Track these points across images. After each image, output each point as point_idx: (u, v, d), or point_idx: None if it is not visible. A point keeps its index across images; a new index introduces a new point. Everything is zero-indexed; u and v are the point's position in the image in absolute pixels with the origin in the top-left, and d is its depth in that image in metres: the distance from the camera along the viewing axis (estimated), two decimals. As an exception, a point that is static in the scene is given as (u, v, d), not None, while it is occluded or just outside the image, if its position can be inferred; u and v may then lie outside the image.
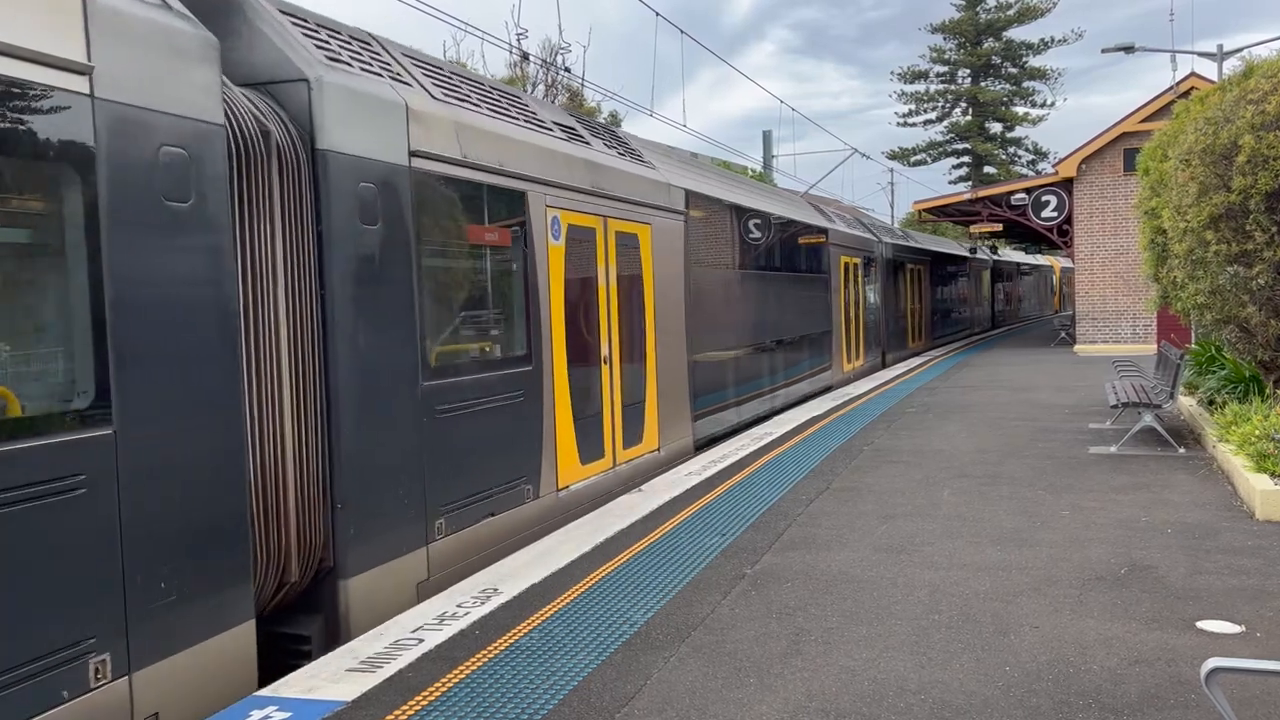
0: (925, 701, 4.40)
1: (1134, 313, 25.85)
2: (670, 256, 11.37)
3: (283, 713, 4.45)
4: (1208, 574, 6.16)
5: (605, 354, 9.57)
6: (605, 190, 9.64)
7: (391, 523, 6.33)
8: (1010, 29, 62.85)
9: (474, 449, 7.26)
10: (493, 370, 7.57)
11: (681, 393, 11.64)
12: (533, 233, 8.16)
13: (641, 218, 10.52)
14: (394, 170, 6.47)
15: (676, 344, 11.51)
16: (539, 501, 8.17)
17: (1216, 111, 10.29)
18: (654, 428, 10.77)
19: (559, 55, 31.65)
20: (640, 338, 10.52)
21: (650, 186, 10.92)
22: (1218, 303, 10.53)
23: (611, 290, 9.79)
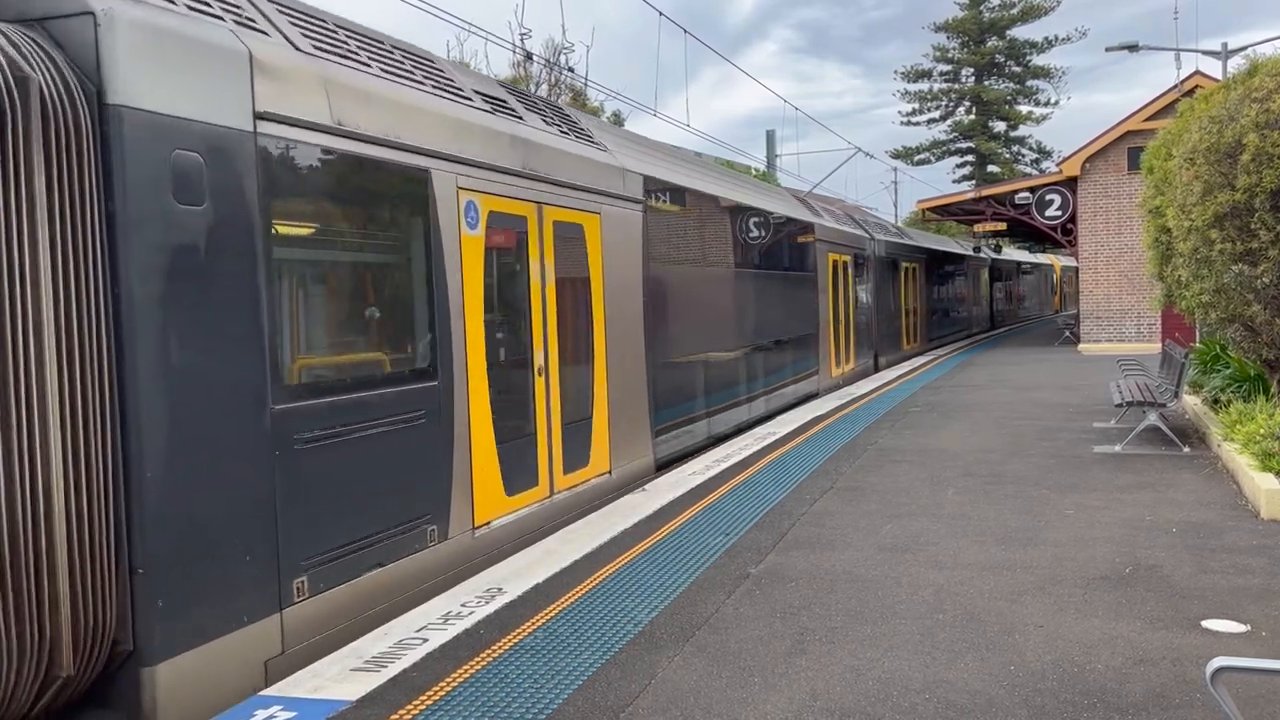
0: (930, 701, 4.40)
1: (1138, 311, 25.82)
2: (625, 251, 10.06)
3: (287, 712, 4.45)
4: (1213, 573, 6.15)
5: (540, 364, 8.23)
6: (540, 172, 8.31)
7: (222, 587, 4.97)
8: (1014, 27, 62.80)
9: (353, 485, 5.93)
10: (381, 388, 6.23)
11: (639, 406, 10.31)
12: (439, 219, 6.86)
13: (588, 205, 9.19)
14: (230, 137, 5.13)
15: (633, 350, 10.20)
16: (448, 544, 6.85)
17: (1221, 110, 10.27)
18: (603, 447, 9.41)
19: (562, 55, 31.68)
20: (586, 344, 9.18)
21: (600, 171, 9.57)
22: (1222, 301, 10.52)
23: (548, 289, 8.44)
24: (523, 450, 7.96)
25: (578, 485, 8.90)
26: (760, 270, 14.85)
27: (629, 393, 10.08)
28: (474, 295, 7.33)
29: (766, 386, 15.12)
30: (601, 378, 9.49)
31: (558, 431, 8.54)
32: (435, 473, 6.76)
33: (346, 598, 5.86)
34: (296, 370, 5.64)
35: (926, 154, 66.81)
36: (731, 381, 13.49)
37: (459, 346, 7.08)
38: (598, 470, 9.32)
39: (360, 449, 6.02)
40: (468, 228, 7.25)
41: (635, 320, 10.32)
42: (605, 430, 9.52)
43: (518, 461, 7.87)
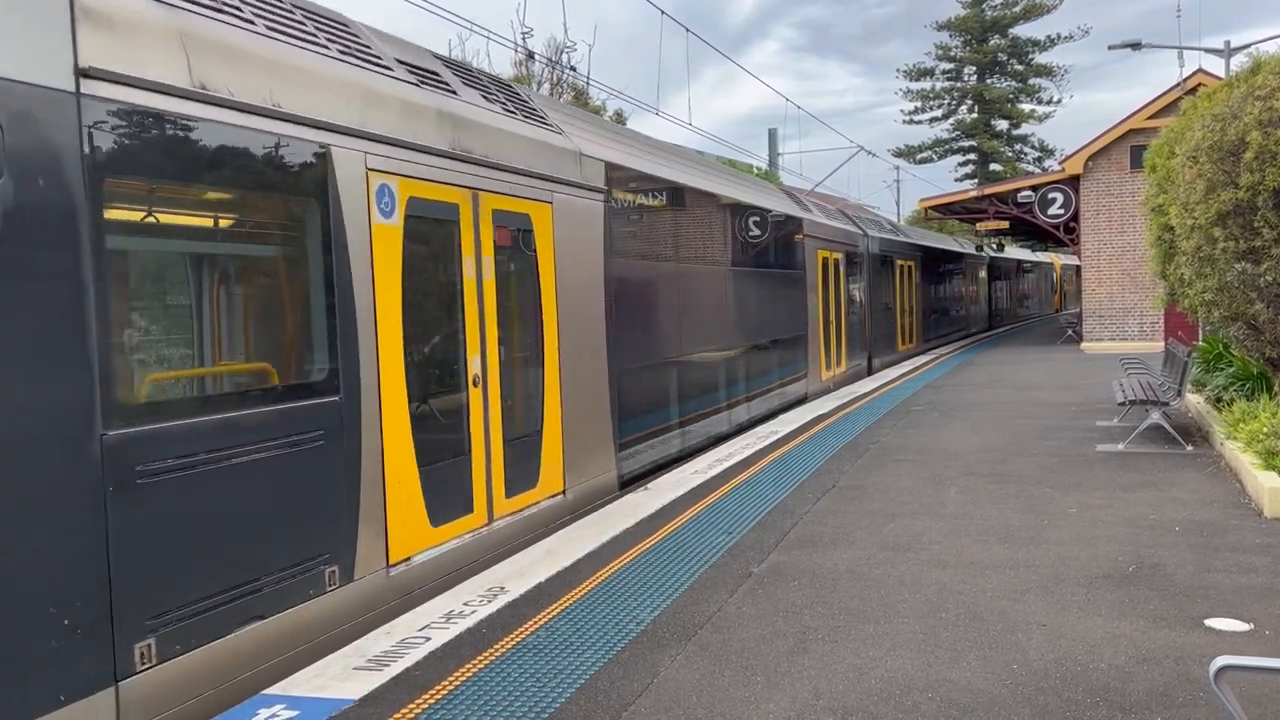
0: (933, 700, 4.40)
1: (1141, 310, 25.79)
2: (584, 244, 9.04)
3: (290, 710, 4.46)
4: (1216, 572, 6.14)
5: (476, 373, 7.24)
6: (476, 154, 7.36)
7: (26, 662, 4.01)
8: (1016, 26, 62.74)
9: (221, 525, 4.94)
10: (262, 405, 5.23)
11: (600, 417, 9.29)
12: (341, 205, 5.88)
13: (536, 194, 8.19)
14: (39, 97, 4.18)
15: (592, 355, 9.17)
16: (354, 586, 5.88)
17: (1224, 108, 10.26)
18: (556, 465, 8.38)
19: (564, 54, 31.67)
20: (534, 349, 8.21)
21: (551, 155, 8.53)
22: (1225, 299, 10.50)
23: (487, 287, 7.43)
24: (453, 473, 6.96)
25: (524, 509, 7.84)
26: (741, 268, 13.93)
27: (588, 403, 9.05)
28: (389, 295, 6.31)
29: (749, 392, 14.16)
30: (554, 387, 8.46)
31: (498, 449, 7.51)
32: (335, 503, 5.75)
33: (215, 660, 4.89)
34: (141, 387, 4.67)
35: (929, 152, 66.76)
36: (708, 388, 12.51)
37: (368, 355, 6.08)
38: (549, 491, 8.26)
39: (231, 480, 5.01)
40: (380, 215, 6.26)
41: (596, 322, 9.29)
42: (558, 445, 8.46)
43: (447, 486, 6.85)
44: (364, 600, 5.98)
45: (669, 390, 11.21)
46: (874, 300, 22.98)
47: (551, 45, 32.93)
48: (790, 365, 16.34)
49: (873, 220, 26.37)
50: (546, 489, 8.25)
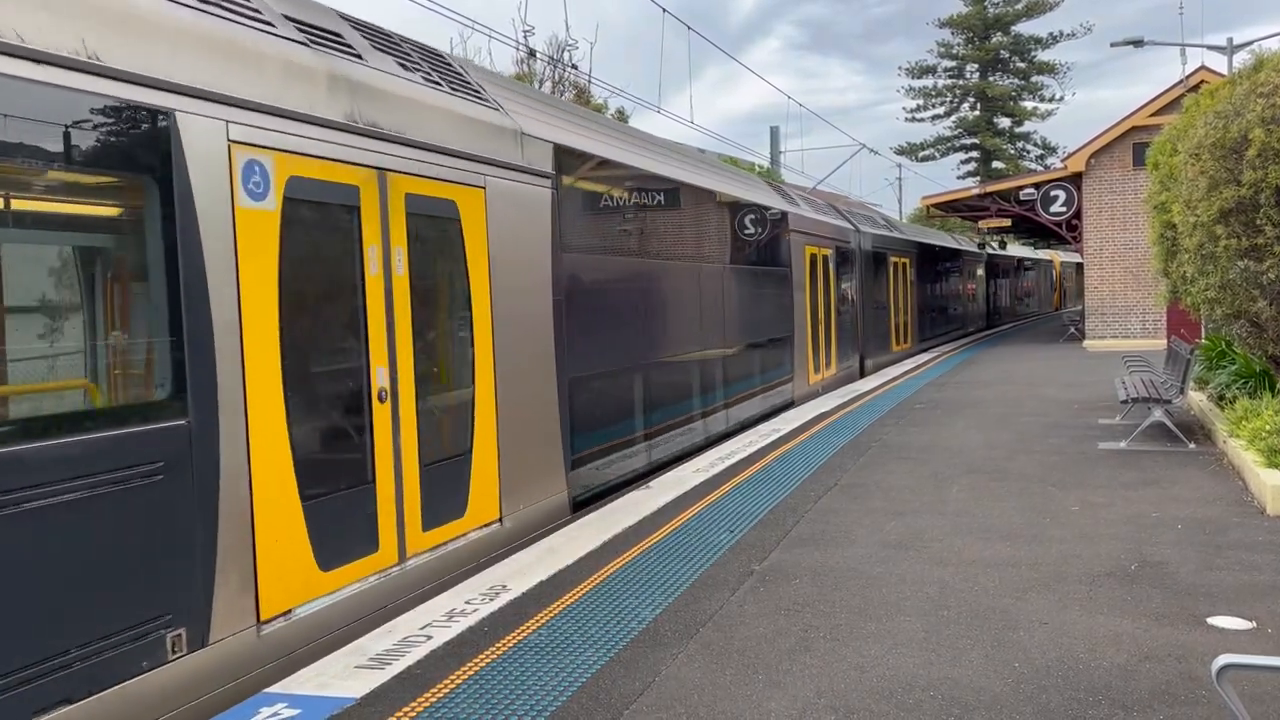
0: (935, 698, 4.39)
1: (1143, 308, 25.76)
2: (527, 237, 8.02)
3: (292, 709, 4.46)
4: (1219, 570, 6.13)
5: (382, 386, 6.20)
6: (384, 128, 6.31)
7: None
8: (1018, 23, 62.63)
9: (8, 587, 3.96)
10: (74, 433, 4.26)
11: (548, 432, 8.28)
12: (190, 184, 4.87)
13: (465, 177, 7.15)
14: None
15: (539, 363, 8.17)
16: (211, 651, 4.87)
17: (1226, 105, 10.24)
18: (490, 489, 7.38)
19: (566, 52, 31.65)
20: (462, 357, 7.19)
21: (484, 133, 7.51)
22: (1228, 297, 10.49)
23: (397, 285, 6.39)
24: (352, 505, 5.90)
25: (448, 543, 6.82)
26: (718, 265, 12.91)
27: (532, 416, 8.04)
28: (260, 295, 5.29)
29: (727, 399, 13.09)
30: (487, 399, 7.41)
31: (412, 475, 6.49)
32: (181, 550, 4.72)
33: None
34: None
35: (931, 150, 66.67)
36: (679, 396, 11.40)
37: (230, 368, 5.07)
38: (481, 519, 7.25)
39: (28, 529, 4.02)
40: (249, 198, 5.24)
41: (542, 325, 8.26)
42: (493, 467, 7.43)
43: (342, 521, 5.81)
44: (224, 668, 4.95)
45: (633, 400, 10.12)
46: (866, 299, 21.99)
47: (553, 43, 32.95)
48: (775, 369, 15.34)
49: (865, 215, 25.32)
50: (478, 517, 7.23)
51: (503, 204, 7.72)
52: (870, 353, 22.26)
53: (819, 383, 17.93)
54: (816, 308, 17.77)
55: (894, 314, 24.87)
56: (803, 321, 16.83)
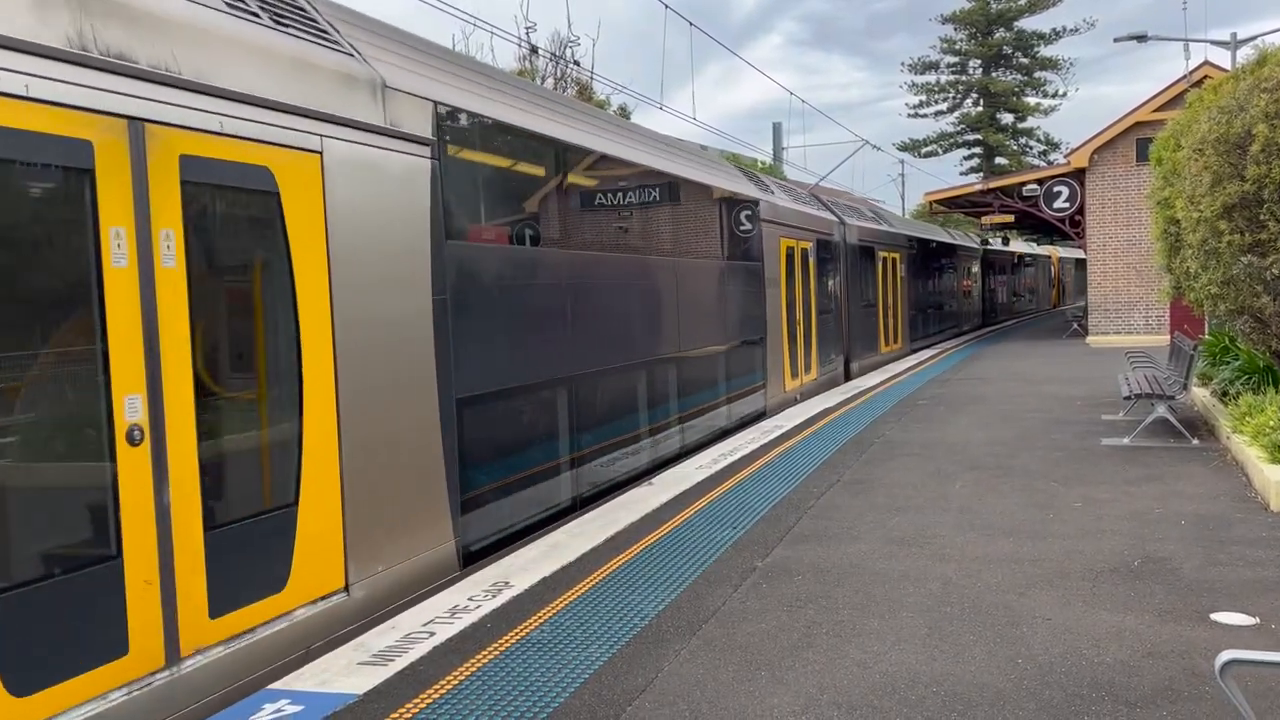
0: (937, 694, 4.39)
1: (1147, 304, 25.73)
2: (391, 220, 6.38)
3: (295, 705, 4.46)
4: (1222, 566, 6.12)
5: (135, 423, 4.57)
6: (137, 62, 4.66)
7: None
8: (1021, 19, 62.55)
9: None
10: None
11: (425, 467, 6.61)
12: None
13: (288, 138, 5.49)
14: None
15: (408, 379, 6.48)
16: None
17: (1230, 100, 10.22)
18: (328, 549, 5.68)
19: (568, 49, 31.63)
20: (281, 376, 5.50)
21: (321, 81, 5.80)
22: (1231, 293, 10.47)
23: (163, 282, 4.76)
24: (77, 595, 4.27)
25: (256, 629, 5.16)
26: (669, 258, 11.22)
27: (399, 448, 6.35)
28: None
29: (682, 413, 11.46)
30: (323, 431, 5.70)
31: (190, 542, 4.81)
32: None
33: None
34: None
35: (934, 146, 66.60)
36: (616, 414, 9.70)
37: None
38: (312, 591, 5.56)
39: None
40: None
41: (416, 331, 6.59)
42: (332, 519, 5.73)
43: (61, 620, 4.19)
44: None
45: (553, 421, 8.45)
46: (853, 297, 20.59)
47: (555, 40, 32.93)
48: (744, 376, 13.71)
49: (851, 207, 23.84)
50: (307, 590, 5.53)
51: (352, 176, 6.03)
52: (857, 354, 20.95)
53: (797, 389, 16.39)
54: (794, 307, 16.23)
55: (883, 313, 23.42)
56: (777, 322, 15.32)
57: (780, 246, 15.58)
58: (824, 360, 18.33)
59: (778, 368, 15.37)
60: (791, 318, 16.13)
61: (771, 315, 15.04)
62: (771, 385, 15.04)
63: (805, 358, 16.98)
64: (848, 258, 20.25)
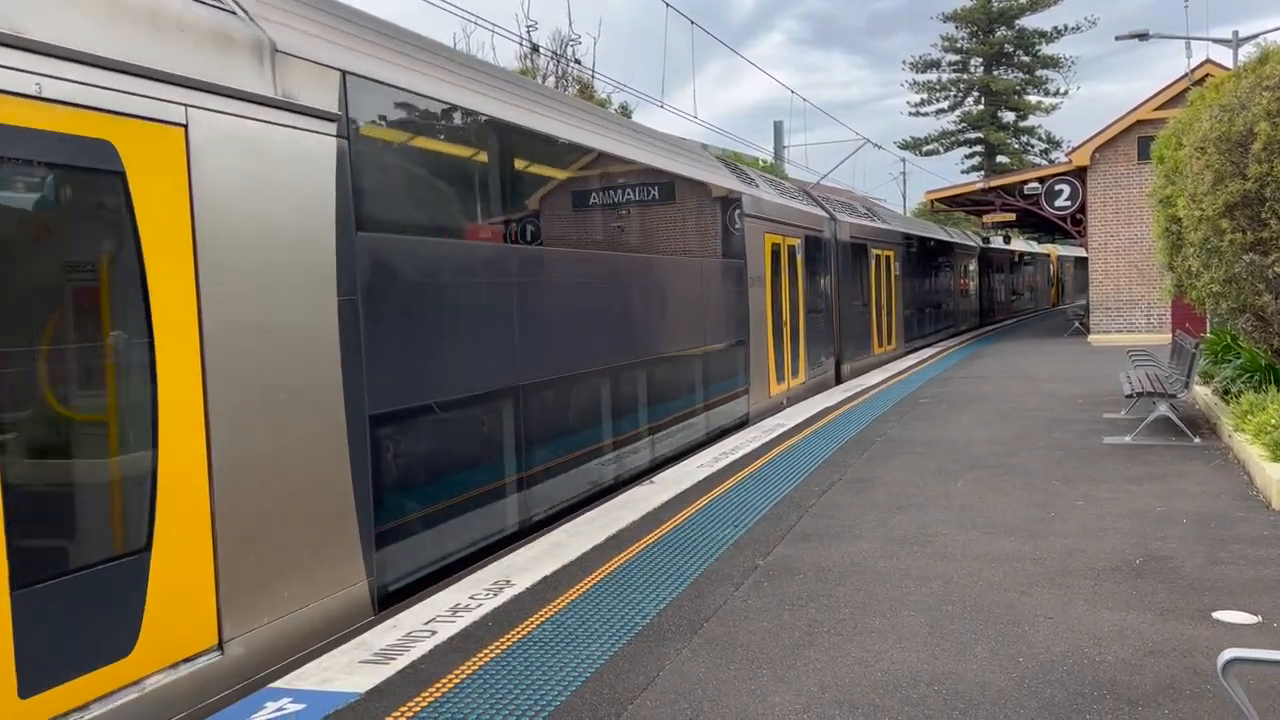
0: (939, 692, 4.39)
1: (1148, 302, 25.71)
2: (285, 207, 5.49)
3: (298, 704, 4.46)
4: (1224, 564, 6.12)
5: None
6: None
7: None
8: (1023, 17, 62.50)
9: None
10: None
11: (329, 496, 5.70)
12: None
13: (141, 106, 4.63)
14: None
15: (306, 394, 5.56)
16: None
17: (1232, 98, 10.21)
18: (194, 601, 4.79)
19: (569, 47, 31.61)
20: (130, 396, 4.58)
21: (186, 40, 4.94)
22: (1233, 291, 10.47)
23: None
24: None
25: (90, 705, 4.26)
26: (637, 254, 10.30)
27: (292, 476, 5.44)
28: None
29: (653, 423, 10.49)
30: (185, 460, 4.77)
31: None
32: None
33: None
34: None
35: (935, 145, 66.55)
36: (570, 427, 8.69)
37: None
38: (173, 654, 4.66)
39: None
40: None
41: (317, 338, 5.67)
42: (201, 564, 4.83)
43: None
44: None
45: (495, 438, 7.48)
46: (845, 296, 19.66)
47: (556, 38, 32.91)
48: (723, 381, 12.67)
49: (844, 203, 22.84)
50: (163, 652, 4.60)
51: (230, 155, 5.14)
52: (848, 356, 20.04)
53: (783, 394, 15.45)
54: (780, 307, 15.26)
55: (877, 313, 22.50)
56: (762, 323, 14.37)
57: (765, 243, 14.69)
58: (813, 363, 17.33)
59: (762, 372, 14.41)
60: (778, 319, 15.21)
61: (755, 316, 14.07)
62: (755, 390, 14.05)
63: (792, 361, 16.06)
64: (839, 255, 19.41)
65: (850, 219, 20.49)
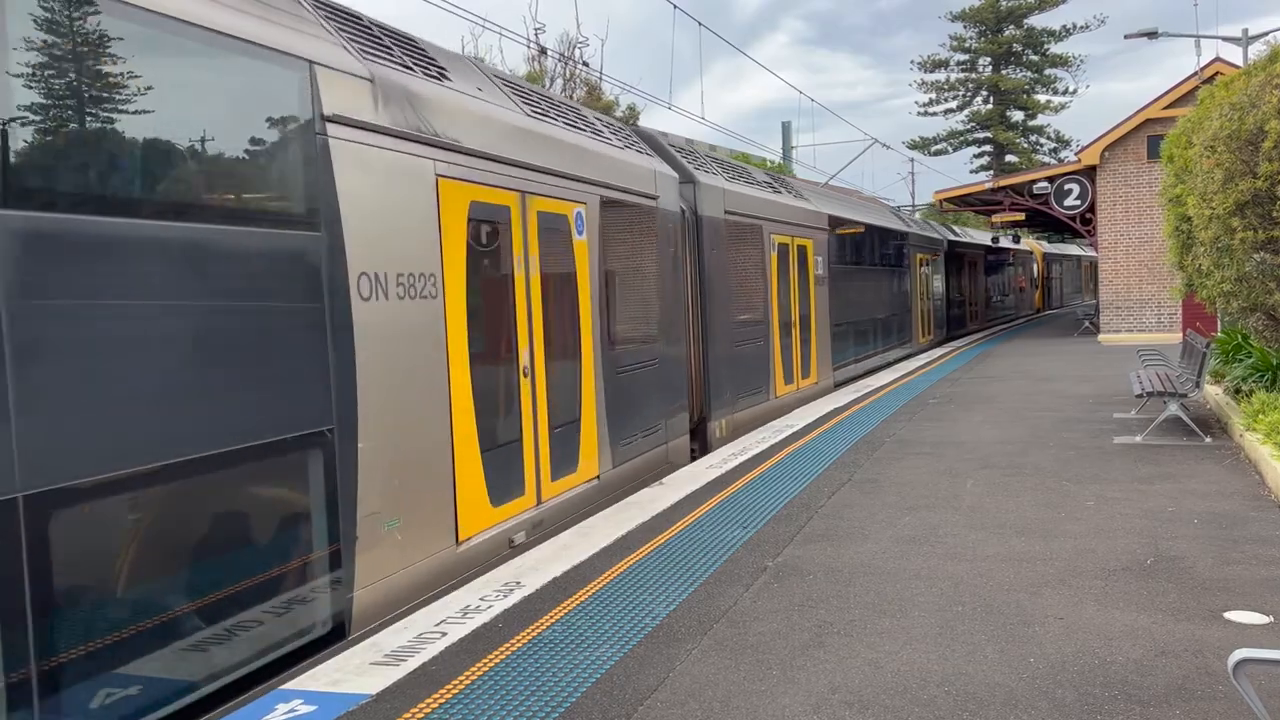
0: (949, 693, 4.38)
1: (1159, 301, 25.63)
2: None
3: (309, 705, 4.48)
4: (1235, 564, 6.10)
5: None
6: None
7: None
8: (1031, 16, 62.38)
9: None
10: None
11: None
12: None
13: None
14: None
15: None
16: None
17: (1242, 96, 10.18)
18: None
19: (577, 49, 31.67)
20: None
21: None
22: (1244, 290, 10.43)
23: None
24: None
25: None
26: None
27: None
28: None
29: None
30: None
31: None
32: None
33: None
34: None
35: (944, 144, 66.46)
36: None
37: None
38: None
39: None
40: None
41: None
42: None
43: None
44: None
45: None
46: (714, 305, 12.33)
47: (564, 40, 32.95)
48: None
49: (722, 162, 14.47)
50: None
51: None
52: (722, 403, 12.52)
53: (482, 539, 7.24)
54: (513, 342, 7.61)
55: (783, 331, 15.08)
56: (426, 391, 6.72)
57: (458, 213, 6.93)
58: (617, 433, 9.45)
59: (428, 500, 6.50)
60: (482, 369, 7.17)
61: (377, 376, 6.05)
62: (363, 565, 5.83)
63: (547, 454, 8.10)
64: (701, 241, 12.12)
65: (729, 185, 13.16)
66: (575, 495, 8.57)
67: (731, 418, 12.77)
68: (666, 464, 10.61)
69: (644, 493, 8.81)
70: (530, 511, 7.81)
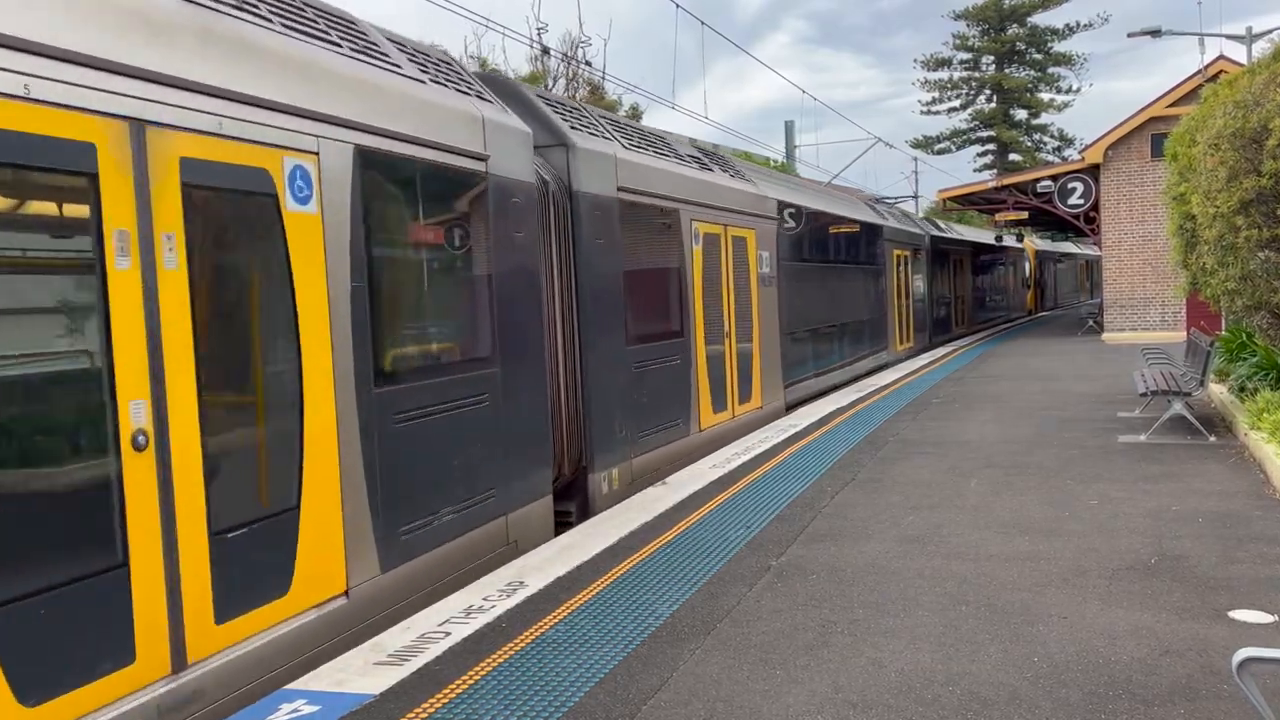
0: (953, 693, 4.38)
1: (1163, 300, 25.59)
2: None
3: (312, 705, 4.49)
4: (1239, 563, 6.09)
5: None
6: None
7: None
8: (1034, 14, 62.34)
9: None
10: None
11: None
12: None
13: None
14: None
15: None
16: None
17: (1246, 95, 10.16)
18: None
19: (579, 49, 31.67)
20: None
21: None
22: (1248, 288, 10.41)
23: None
24: None
25: None
26: None
27: None
28: None
29: None
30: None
31: None
32: None
33: None
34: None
35: (947, 143, 66.45)
36: None
37: None
38: None
39: None
40: None
41: None
42: None
43: None
44: None
45: None
46: (600, 315, 9.22)
47: (567, 40, 32.93)
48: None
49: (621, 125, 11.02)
50: None
51: None
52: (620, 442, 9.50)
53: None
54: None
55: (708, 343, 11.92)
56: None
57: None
58: (397, 522, 6.11)
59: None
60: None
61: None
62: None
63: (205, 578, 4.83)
64: (576, 226, 8.92)
65: (625, 153, 10.05)
66: (281, 635, 5.11)
67: (630, 464, 9.70)
68: (507, 545, 7.32)
69: (647, 492, 8.81)
70: (160, 686, 4.38)
